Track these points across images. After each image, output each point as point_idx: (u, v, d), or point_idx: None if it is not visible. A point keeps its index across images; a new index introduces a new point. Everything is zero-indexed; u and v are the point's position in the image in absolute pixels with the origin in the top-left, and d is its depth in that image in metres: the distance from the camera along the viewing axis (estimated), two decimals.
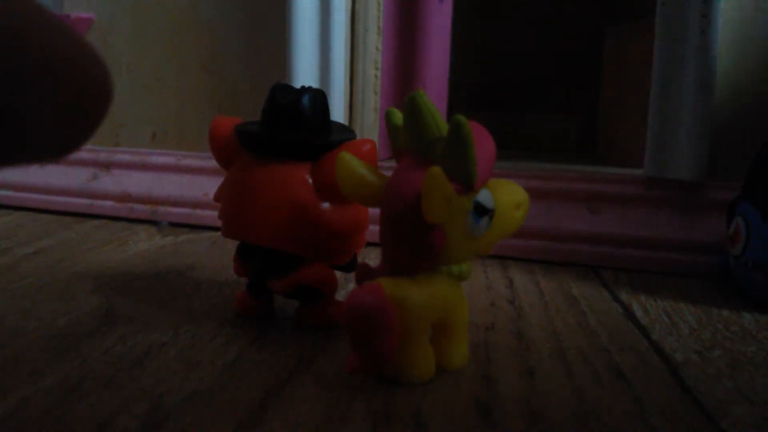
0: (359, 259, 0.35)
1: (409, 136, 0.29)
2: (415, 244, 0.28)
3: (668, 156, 0.52)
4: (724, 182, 0.52)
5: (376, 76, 0.61)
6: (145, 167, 0.69)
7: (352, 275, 0.44)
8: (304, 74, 0.59)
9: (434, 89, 0.76)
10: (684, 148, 0.51)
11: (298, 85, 0.57)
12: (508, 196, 0.29)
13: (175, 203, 0.66)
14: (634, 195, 0.54)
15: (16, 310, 0.38)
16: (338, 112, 0.60)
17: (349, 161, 0.29)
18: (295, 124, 0.34)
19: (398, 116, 0.30)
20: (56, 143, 0.17)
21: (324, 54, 0.59)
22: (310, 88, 0.35)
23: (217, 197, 0.37)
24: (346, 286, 0.43)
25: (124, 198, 0.68)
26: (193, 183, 0.32)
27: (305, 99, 0.34)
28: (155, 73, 0.71)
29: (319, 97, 0.35)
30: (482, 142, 0.28)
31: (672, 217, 0.52)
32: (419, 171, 0.27)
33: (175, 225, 0.65)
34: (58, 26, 0.16)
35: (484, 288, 0.45)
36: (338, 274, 0.36)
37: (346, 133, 0.36)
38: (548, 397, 0.28)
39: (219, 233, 0.37)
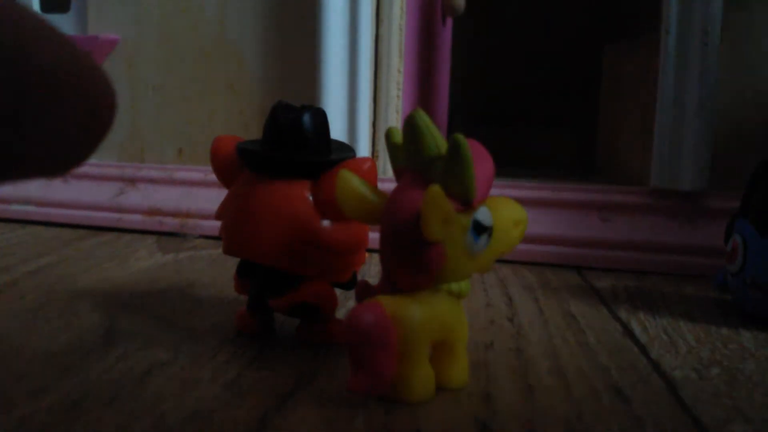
0: (359, 277, 0.36)
1: (409, 155, 0.29)
2: (415, 262, 0.28)
3: (673, 168, 0.57)
4: (725, 192, 0.57)
5: (398, 96, 0.64)
6: (172, 182, 0.70)
7: (352, 293, 0.44)
8: (333, 96, 0.62)
9: (442, 107, 0.77)
10: (688, 161, 0.56)
11: (327, 105, 0.61)
12: (506, 213, 0.30)
13: (205, 216, 0.67)
14: (642, 204, 0.58)
15: (17, 328, 0.38)
16: (363, 131, 0.63)
17: (349, 179, 0.29)
18: (296, 142, 0.34)
19: (398, 135, 0.30)
20: (58, 157, 0.17)
21: (352, 76, 0.62)
22: (310, 106, 0.35)
23: (218, 215, 0.37)
24: (346, 303, 0.43)
25: (152, 212, 0.69)
26: (222, 197, 0.33)
27: (306, 118, 0.34)
28: (182, 93, 0.72)
29: (319, 116, 0.35)
30: (481, 160, 0.28)
31: (677, 224, 0.57)
32: (418, 189, 0.28)
33: (206, 238, 0.66)
34: (61, 40, 0.16)
35: (483, 306, 0.45)
36: (338, 291, 0.36)
37: (346, 151, 0.36)
38: (547, 415, 0.28)
39: (220, 251, 0.37)
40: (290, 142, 0.34)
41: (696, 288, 0.52)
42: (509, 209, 0.30)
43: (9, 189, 0.73)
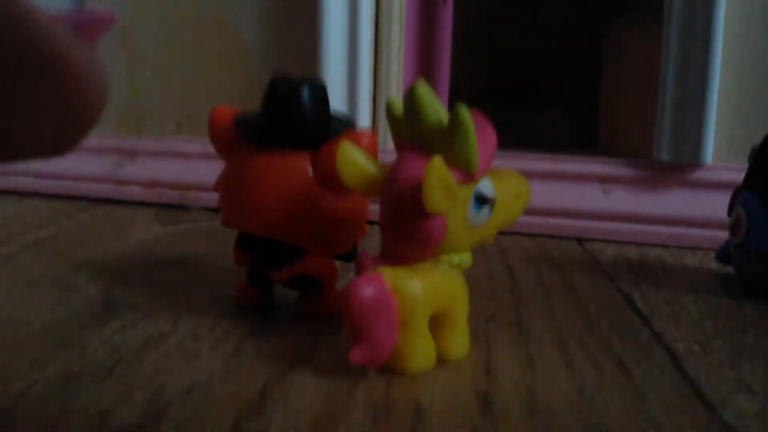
0: (359, 249, 0.35)
1: (410, 126, 0.28)
2: (416, 234, 0.28)
3: (676, 140, 0.57)
4: (728, 165, 0.57)
5: (398, 71, 0.64)
6: (171, 154, 0.70)
7: (352, 265, 0.44)
8: (334, 69, 0.62)
9: (443, 83, 0.77)
10: (691, 134, 0.57)
11: (328, 79, 0.61)
12: (508, 185, 0.29)
13: (205, 188, 0.67)
14: (644, 176, 0.59)
15: (15, 301, 0.38)
16: (363, 106, 0.63)
17: (349, 151, 0.29)
18: (295, 114, 0.34)
19: (399, 106, 0.29)
20: (45, 142, 0.17)
21: (352, 49, 0.62)
22: (309, 78, 0.35)
23: (216, 187, 0.37)
24: (346, 275, 0.43)
25: (151, 184, 0.69)
26: (221, 169, 0.34)
27: (304, 89, 0.34)
28: (179, 67, 0.71)
29: (318, 88, 0.35)
30: (483, 132, 0.28)
31: (680, 196, 0.58)
32: (420, 161, 0.27)
33: (207, 209, 0.66)
34: (46, 20, 0.16)
35: (484, 277, 0.45)
36: (338, 263, 0.36)
37: (346, 123, 0.36)
38: (548, 387, 0.28)
39: (218, 223, 0.37)
40: (289, 114, 0.34)
41: (698, 260, 0.51)
42: (511, 181, 0.30)
43: None
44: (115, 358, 0.30)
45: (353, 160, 0.29)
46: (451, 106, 0.26)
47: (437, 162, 0.25)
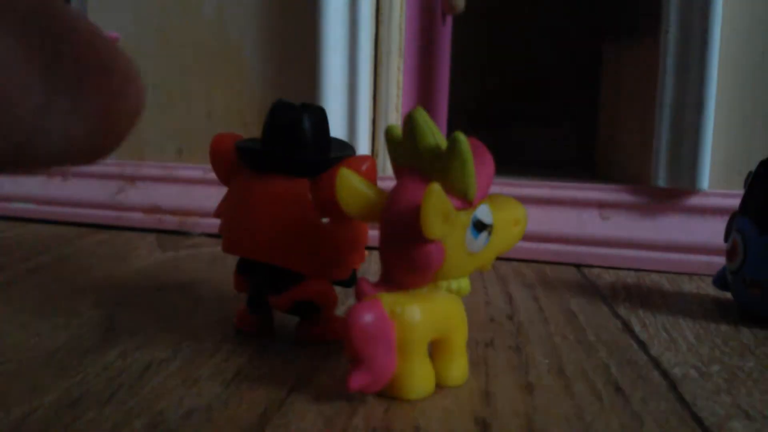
0: (359, 275, 0.35)
1: (409, 152, 0.29)
2: (414, 260, 0.28)
3: (673, 166, 0.58)
4: (725, 190, 0.58)
5: (397, 95, 0.65)
6: (171, 180, 0.70)
7: (351, 291, 0.44)
8: (333, 94, 0.63)
9: (442, 105, 0.77)
10: (688, 160, 0.57)
11: (327, 104, 0.62)
12: (506, 211, 0.30)
13: (205, 214, 0.67)
14: (642, 202, 0.59)
15: (16, 326, 0.38)
16: (363, 129, 0.64)
17: (348, 177, 0.29)
18: (295, 141, 0.34)
19: (398, 132, 0.30)
20: (83, 147, 0.17)
21: (352, 74, 0.63)
22: (310, 105, 0.35)
23: (218, 213, 0.37)
24: (345, 301, 0.43)
25: (152, 210, 0.69)
26: (221, 195, 0.34)
27: (305, 116, 0.34)
28: (181, 91, 0.72)
29: (318, 114, 0.35)
30: (481, 158, 0.28)
31: (677, 222, 0.58)
32: (418, 187, 0.28)
33: (207, 236, 0.67)
34: (95, 30, 0.17)
35: (483, 304, 0.45)
36: (338, 289, 0.36)
37: (345, 149, 0.36)
38: (547, 413, 0.28)
39: (219, 248, 0.37)
40: (289, 141, 0.34)
41: (696, 286, 0.52)
42: (509, 207, 0.30)
43: (10, 187, 0.73)
44: (115, 384, 0.30)
45: (353, 186, 0.29)
46: (451, 128, 0.26)
47: (435, 188, 0.26)
